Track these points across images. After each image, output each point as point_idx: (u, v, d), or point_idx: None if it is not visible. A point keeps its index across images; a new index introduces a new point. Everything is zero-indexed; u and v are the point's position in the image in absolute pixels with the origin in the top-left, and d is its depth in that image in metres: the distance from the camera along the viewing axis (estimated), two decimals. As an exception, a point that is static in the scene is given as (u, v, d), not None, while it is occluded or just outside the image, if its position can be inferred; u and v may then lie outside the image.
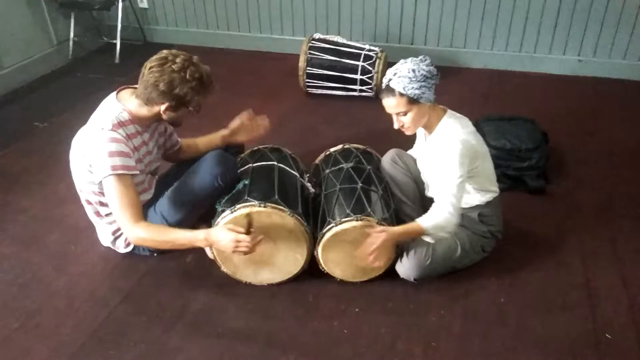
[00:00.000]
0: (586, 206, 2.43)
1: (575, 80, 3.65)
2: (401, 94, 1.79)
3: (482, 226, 2.01)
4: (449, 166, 1.81)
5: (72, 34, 4.14)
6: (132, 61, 4.10)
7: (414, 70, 1.77)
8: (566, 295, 1.97)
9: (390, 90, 1.82)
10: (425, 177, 2.05)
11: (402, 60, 1.83)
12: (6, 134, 3.19)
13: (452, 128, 1.87)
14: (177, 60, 1.83)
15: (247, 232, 1.79)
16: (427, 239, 1.93)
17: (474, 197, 1.97)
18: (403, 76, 1.78)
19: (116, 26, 4.15)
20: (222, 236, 1.76)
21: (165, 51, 1.87)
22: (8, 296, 2.02)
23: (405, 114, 1.84)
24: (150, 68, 1.83)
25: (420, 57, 1.82)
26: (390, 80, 1.81)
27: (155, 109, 1.89)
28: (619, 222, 2.32)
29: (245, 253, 1.78)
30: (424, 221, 1.86)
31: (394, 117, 1.89)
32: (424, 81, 1.78)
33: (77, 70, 4.07)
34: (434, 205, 1.88)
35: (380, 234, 1.81)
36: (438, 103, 1.92)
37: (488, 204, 1.99)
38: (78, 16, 4.18)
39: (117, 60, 4.14)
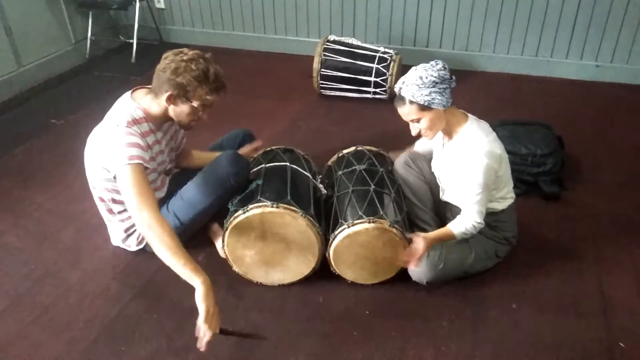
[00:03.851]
0: (601, 213, 2.40)
1: (592, 86, 3.61)
2: (411, 102, 1.80)
3: (496, 232, 1.99)
4: (474, 179, 1.81)
5: (89, 33, 4.20)
6: (148, 61, 4.13)
7: (421, 77, 1.77)
8: (580, 302, 1.94)
9: (401, 99, 1.83)
10: (441, 181, 2.04)
11: (413, 67, 1.83)
12: (23, 130, 3.23)
13: (475, 136, 1.85)
14: (190, 53, 1.87)
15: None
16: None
17: (491, 204, 1.95)
18: (411, 84, 1.78)
19: (133, 26, 4.19)
20: (203, 305, 1.61)
21: (184, 48, 1.90)
22: (22, 290, 2.04)
23: (418, 120, 1.84)
24: (165, 57, 1.89)
25: (432, 63, 1.80)
26: (400, 88, 1.82)
27: (162, 101, 1.90)
28: (634, 229, 2.29)
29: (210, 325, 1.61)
30: (455, 228, 1.88)
31: (410, 125, 1.89)
32: (433, 87, 1.76)
33: (93, 69, 4.12)
34: (462, 213, 1.89)
35: (421, 241, 1.83)
36: (457, 107, 1.90)
37: (503, 209, 1.98)
38: (96, 16, 4.23)
39: (133, 60, 4.18)
